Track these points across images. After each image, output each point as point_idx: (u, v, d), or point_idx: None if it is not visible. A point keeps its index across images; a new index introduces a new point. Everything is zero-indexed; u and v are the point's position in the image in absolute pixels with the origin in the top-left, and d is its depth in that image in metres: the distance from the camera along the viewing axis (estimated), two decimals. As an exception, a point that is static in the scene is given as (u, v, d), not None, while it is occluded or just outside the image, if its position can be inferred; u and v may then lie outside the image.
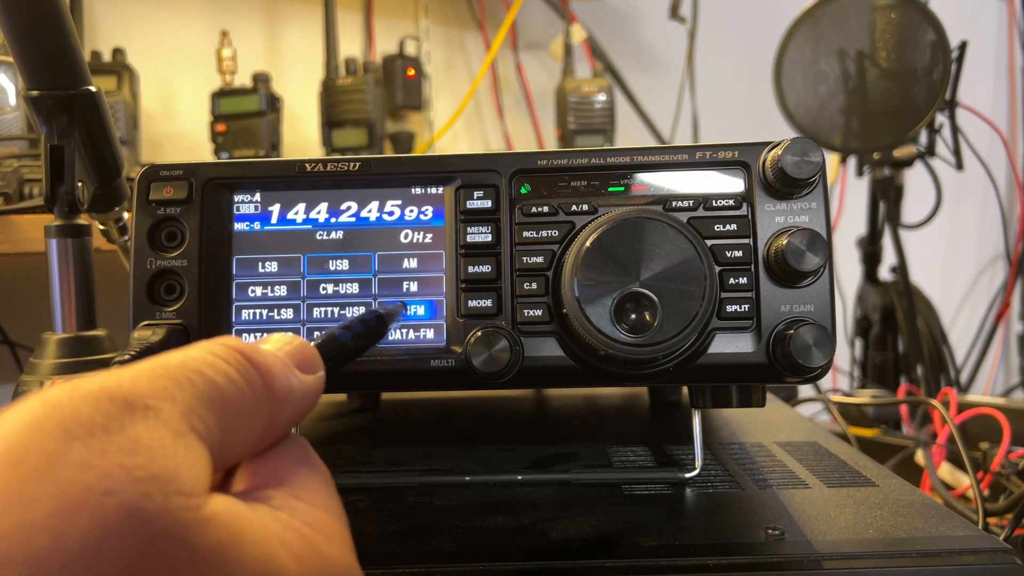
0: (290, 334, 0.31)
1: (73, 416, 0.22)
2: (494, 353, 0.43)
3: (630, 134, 1.68)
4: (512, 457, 0.55)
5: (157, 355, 0.26)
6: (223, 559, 0.22)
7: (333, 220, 0.47)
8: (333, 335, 0.35)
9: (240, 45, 1.33)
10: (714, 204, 0.45)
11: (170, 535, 0.21)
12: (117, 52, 1.29)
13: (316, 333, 0.36)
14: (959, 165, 1.24)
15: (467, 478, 0.50)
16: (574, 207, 0.45)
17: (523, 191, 0.46)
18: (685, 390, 0.70)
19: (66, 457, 0.21)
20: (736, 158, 0.46)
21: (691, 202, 0.45)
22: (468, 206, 0.46)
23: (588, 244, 0.42)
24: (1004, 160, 1.80)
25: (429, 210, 0.47)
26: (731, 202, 0.45)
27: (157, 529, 0.21)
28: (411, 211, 0.47)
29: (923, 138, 1.22)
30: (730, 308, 0.44)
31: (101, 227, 0.68)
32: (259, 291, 0.47)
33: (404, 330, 0.46)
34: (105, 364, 0.57)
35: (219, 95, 1.29)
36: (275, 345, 0.30)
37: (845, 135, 1.19)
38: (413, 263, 0.47)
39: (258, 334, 0.46)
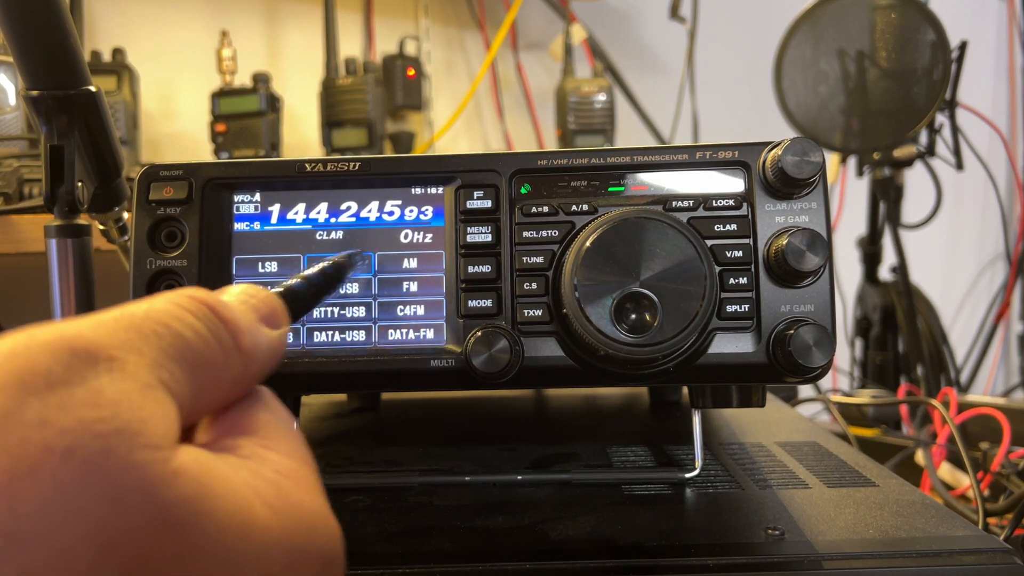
0: (254, 285, 0.30)
1: (29, 367, 0.20)
2: (494, 353, 0.43)
3: (630, 134, 1.68)
4: (512, 457, 0.55)
5: (118, 306, 0.24)
6: (194, 511, 0.21)
7: (333, 220, 0.47)
8: (291, 287, 0.34)
9: (240, 45, 1.33)
10: (714, 204, 0.45)
11: (136, 490, 0.20)
12: (117, 52, 1.29)
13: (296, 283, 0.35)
14: (959, 165, 1.24)
15: (467, 478, 0.50)
16: (574, 207, 0.45)
17: (523, 191, 0.46)
18: (685, 390, 0.70)
19: (21, 414, 0.19)
20: (736, 158, 0.46)
21: (691, 202, 0.45)
22: (468, 206, 0.46)
23: (588, 244, 0.42)
24: (1004, 160, 1.80)
25: (429, 210, 0.47)
26: (731, 202, 0.45)
27: (122, 486, 0.20)
28: (411, 211, 0.47)
29: (923, 138, 1.22)
30: (730, 308, 0.44)
31: (101, 227, 0.68)
32: (259, 291, 0.47)
33: (404, 330, 0.46)
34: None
35: (219, 95, 1.29)
36: (240, 298, 0.29)
37: (845, 135, 1.19)
38: (413, 263, 0.47)
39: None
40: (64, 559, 0.19)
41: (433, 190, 0.47)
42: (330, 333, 0.46)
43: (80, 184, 0.57)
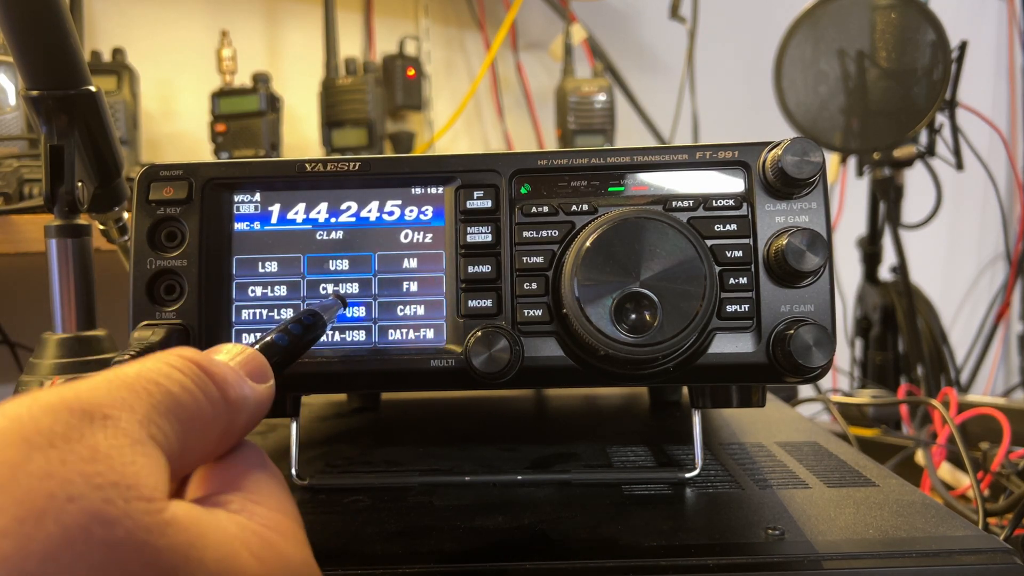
0: (240, 344, 0.32)
1: (33, 427, 0.22)
2: (494, 353, 0.43)
3: (630, 134, 1.68)
4: (512, 457, 0.55)
5: (112, 368, 0.26)
6: (184, 560, 0.23)
7: (333, 220, 0.47)
8: (271, 342, 0.35)
9: (240, 45, 1.33)
10: (714, 204, 0.45)
11: (132, 538, 0.21)
12: (117, 52, 1.29)
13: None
14: (959, 165, 1.24)
15: (467, 478, 0.50)
16: (574, 207, 0.45)
17: (523, 191, 0.46)
18: (685, 390, 0.70)
19: (27, 467, 0.21)
20: (736, 158, 0.46)
21: (691, 202, 0.45)
22: (468, 206, 0.46)
23: (588, 244, 0.42)
24: (1004, 160, 1.80)
25: (429, 210, 0.47)
26: (731, 202, 0.45)
27: (119, 533, 0.21)
28: (411, 211, 0.47)
29: (923, 138, 1.22)
30: (730, 308, 0.44)
31: (101, 227, 0.68)
32: (259, 291, 0.47)
33: (404, 330, 0.46)
34: (105, 364, 0.57)
35: (219, 95, 1.29)
36: (228, 355, 0.31)
37: (845, 135, 1.19)
38: (413, 263, 0.47)
39: (258, 334, 0.46)
40: None
41: (433, 190, 0.47)
42: (330, 333, 0.46)
43: (80, 184, 0.57)
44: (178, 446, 0.26)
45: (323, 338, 0.46)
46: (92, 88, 0.56)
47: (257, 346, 0.34)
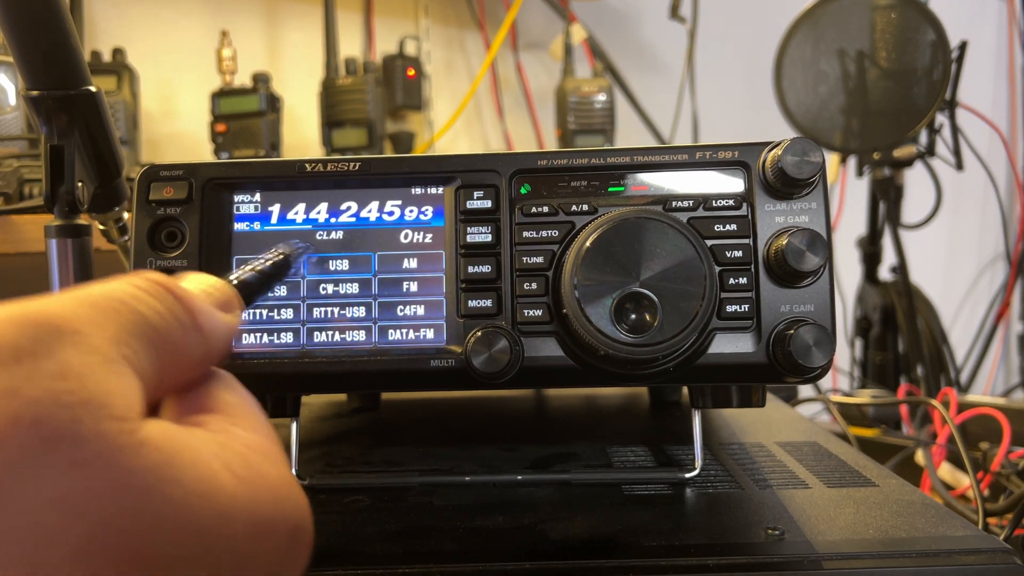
0: (206, 274, 0.31)
1: None
2: (494, 353, 0.43)
3: (630, 134, 1.68)
4: (512, 457, 0.55)
5: (74, 287, 0.25)
6: (160, 478, 0.21)
7: (333, 220, 0.47)
8: (243, 279, 0.35)
9: (240, 45, 1.33)
10: (714, 204, 0.45)
11: (102, 458, 0.20)
12: (117, 52, 1.29)
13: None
14: (959, 165, 1.24)
15: (467, 478, 0.50)
16: (574, 207, 0.45)
17: (523, 191, 0.46)
18: (685, 390, 0.70)
19: None
20: (736, 158, 0.46)
21: (691, 202, 0.45)
22: (468, 206, 0.46)
23: (588, 244, 0.42)
24: (1004, 160, 1.80)
25: (429, 210, 0.47)
26: (731, 202, 0.45)
27: (88, 454, 0.20)
28: (411, 211, 0.47)
29: (923, 138, 1.22)
30: (730, 308, 0.44)
31: (101, 227, 0.68)
32: (259, 291, 0.47)
33: (404, 330, 0.46)
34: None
35: (219, 95, 1.29)
36: (196, 284, 0.29)
37: (845, 135, 1.19)
38: (413, 263, 0.47)
39: (258, 334, 0.46)
40: (31, 525, 0.19)
41: (433, 190, 0.47)
42: (330, 333, 0.46)
43: (80, 184, 0.57)
44: (151, 370, 0.24)
45: (323, 338, 0.46)
46: (92, 88, 0.56)
47: (231, 279, 0.33)
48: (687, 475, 0.49)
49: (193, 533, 0.22)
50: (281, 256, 0.38)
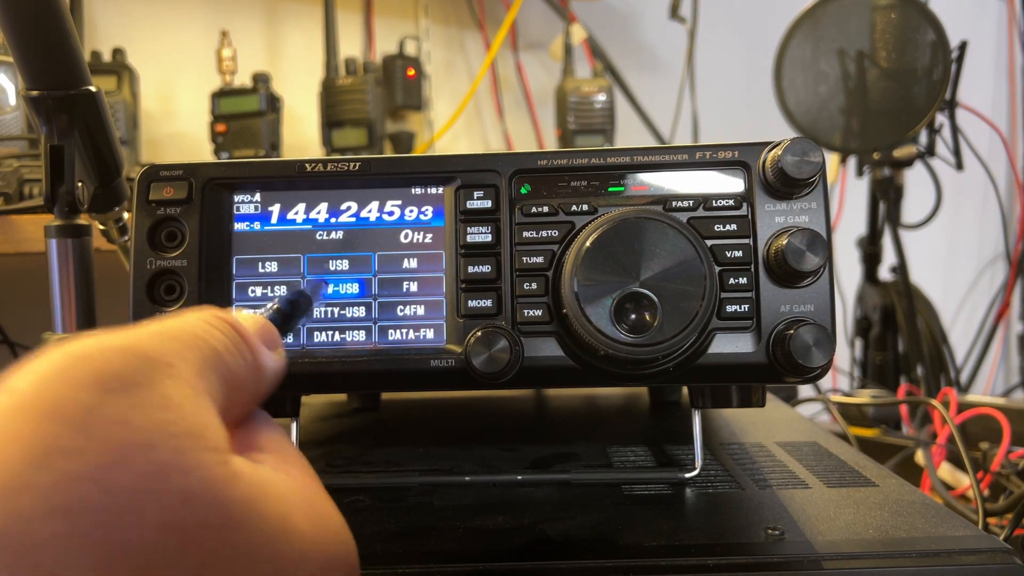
0: (253, 312, 0.32)
1: (105, 368, 0.22)
2: (494, 353, 0.43)
3: (630, 134, 1.68)
4: (512, 457, 0.55)
5: (148, 321, 0.26)
6: (249, 512, 0.22)
7: (333, 220, 0.47)
8: (279, 311, 0.36)
9: (240, 45, 1.33)
10: (714, 204, 0.45)
11: (205, 488, 0.21)
12: (117, 52, 1.29)
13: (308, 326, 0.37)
14: (959, 165, 1.24)
15: (467, 478, 0.50)
16: (574, 207, 0.45)
17: (523, 191, 0.46)
18: (685, 390, 0.70)
19: (102, 411, 0.21)
20: (736, 158, 0.46)
21: (691, 202, 0.45)
22: (468, 206, 0.46)
23: (588, 244, 0.42)
24: (1004, 160, 1.80)
25: (429, 210, 0.47)
26: (731, 202, 0.45)
27: (193, 483, 0.21)
28: (411, 211, 0.47)
29: (923, 138, 1.22)
30: (730, 308, 0.44)
31: (101, 227, 0.68)
32: (259, 291, 0.47)
33: (404, 330, 0.46)
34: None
35: (219, 95, 1.29)
36: (249, 322, 0.30)
37: (845, 135, 1.19)
38: (413, 263, 0.47)
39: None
40: (149, 547, 0.20)
41: (433, 190, 0.47)
42: (330, 333, 0.46)
43: (80, 184, 0.57)
44: (223, 403, 0.25)
45: (323, 338, 0.46)
46: (92, 88, 0.56)
47: (266, 314, 0.34)
48: (687, 475, 0.49)
49: (274, 568, 0.23)
50: (298, 292, 0.39)
